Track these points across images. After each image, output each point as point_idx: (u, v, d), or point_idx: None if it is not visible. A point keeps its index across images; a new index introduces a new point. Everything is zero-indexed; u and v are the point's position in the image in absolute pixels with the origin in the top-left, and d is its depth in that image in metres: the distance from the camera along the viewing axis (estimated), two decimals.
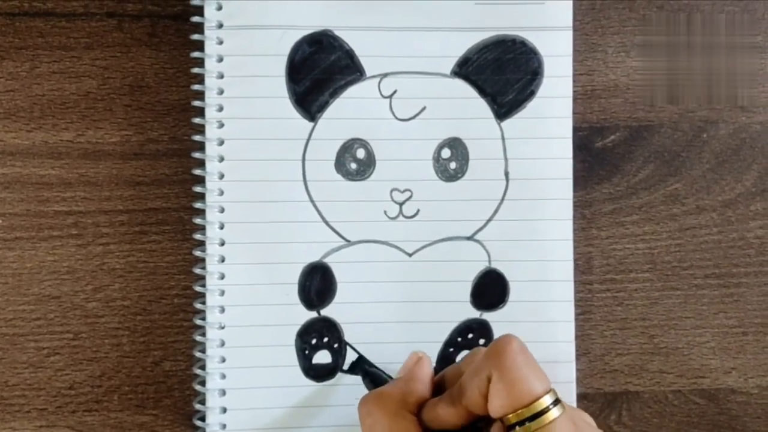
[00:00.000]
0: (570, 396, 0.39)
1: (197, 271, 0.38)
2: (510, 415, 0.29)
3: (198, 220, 0.38)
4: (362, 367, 0.38)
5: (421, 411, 0.32)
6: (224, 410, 0.38)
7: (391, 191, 0.39)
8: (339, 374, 0.39)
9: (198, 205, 0.38)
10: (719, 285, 0.41)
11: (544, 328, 0.39)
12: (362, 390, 0.39)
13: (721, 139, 0.41)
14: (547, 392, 0.29)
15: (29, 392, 0.39)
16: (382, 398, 0.33)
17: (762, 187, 0.41)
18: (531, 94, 0.39)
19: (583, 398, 0.40)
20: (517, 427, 0.29)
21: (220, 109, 0.38)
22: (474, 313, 0.39)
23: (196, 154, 0.38)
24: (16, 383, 0.39)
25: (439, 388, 0.34)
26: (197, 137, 0.38)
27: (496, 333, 0.39)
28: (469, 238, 0.39)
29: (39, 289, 0.39)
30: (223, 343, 0.38)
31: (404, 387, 0.33)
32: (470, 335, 0.39)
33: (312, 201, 0.39)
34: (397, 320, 0.39)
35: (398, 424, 0.32)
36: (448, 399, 0.32)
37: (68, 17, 0.39)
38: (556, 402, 0.29)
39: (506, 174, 0.39)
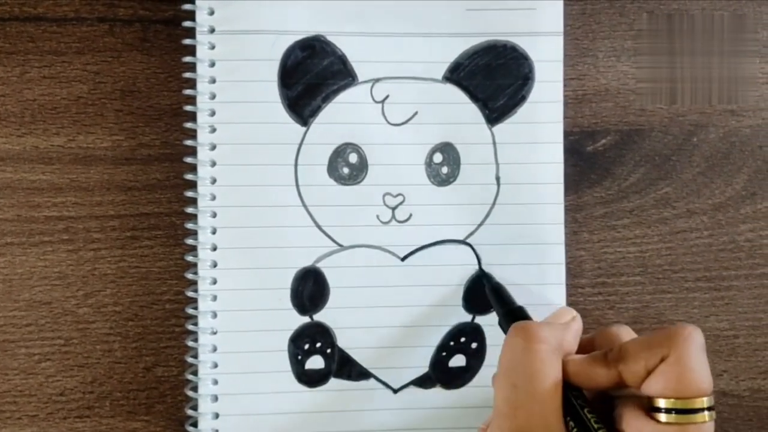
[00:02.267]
0: None
1: (189, 276, 0.38)
2: (665, 400, 0.29)
3: (190, 225, 0.38)
4: (490, 280, 0.38)
5: (568, 361, 0.32)
6: (216, 416, 0.38)
7: (384, 196, 0.39)
8: (332, 380, 0.39)
9: (190, 209, 0.38)
10: (710, 288, 0.42)
11: None
12: (354, 397, 0.39)
13: (712, 143, 0.42)
14: (710, 395, 0.29)
15: (20, 399, 0.39)
16: (544, 332, 0.32)
17: (752, 190, 0.42)
18: (522, 99, 0.39)
19: None
20: (665, 414, 0.29)
21: (212, 113, 0.38)
22: (466, 317, 0.39)
23: (188, 159, 0.38)
24: (7, 390, 0.39)
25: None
26: (189, 142, 0.38)
27: (489, 337, 0.39)
28: (461, 242, 0.39)
29: (30, 295, 0.39)
30: (215, 349, 0.38)
31: (560, 336, 0.33)
32: (463, 339, 0.39)
33: (304, 206, 0.39)
34: (390, 325, 0.39)
35: (552, 363, 0.31)
36: (602, 359, 0.32)
37: (59, 22, 0.39)
38: (711, 408, 0.29)
39: (497, 178, 0.39)
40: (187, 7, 0.38)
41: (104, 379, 0.39)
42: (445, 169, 0.39)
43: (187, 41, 0.38)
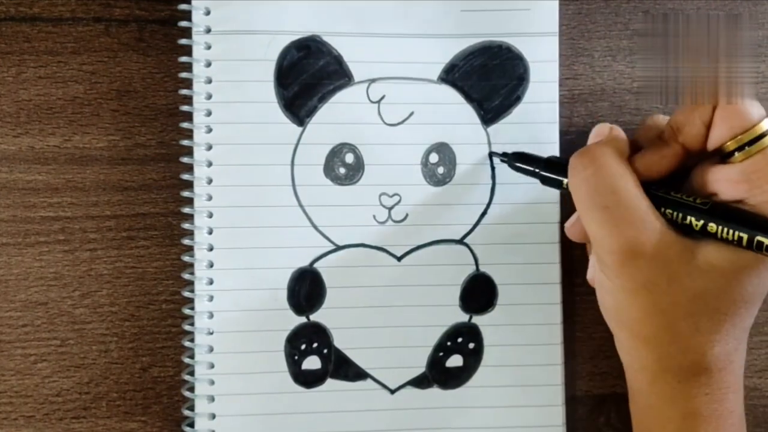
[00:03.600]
0: (558, 399, 0.39)
1: (186, 276, 0.38)
2: (729, 143, 0.31)
3: (186, 225, 0.38)
4: (537, 158, 0.37)
5: (632, 162, 0.33)
6: (213, 416, 0.38)
7: (380, 196, 0.39)
8: (329, 380, 0.39)
9: (186, 210, 0.38)
10: None
11: (532, 330, 0.39)
12: (351, 398, 0.39)
13: None
14: (766, 118, 0.31)
15: (16, 399, 0.39)
16: (603, 147, 0.33)
17: None
18: (517, 99, 0.39)
19: (571, 401, 0.41)
20: (737, 153, 0.31)
21: (209, 114, 0.38)
22: (463, 317, 0.39)
23: (185, 159, 0.38)
24: (3, 390, 0.39)
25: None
26: (185, 142, 0.38)
27: (486, 336, 0.39)
28: (457, 242, 0.39)
29: (26, 296, 0.39)
30: (211, 349, 0.38)
31: (614, 144, 0.33)
32: (459, 339, 0.39)
33: (301, 206, 0.39)
34: (387, 325, 0.39)
35: (623, 169, 0.32)
36: (661, 143, 0.33)
37: (55, 22, 0.39)
38: None
39: (493, 178, 0.39)
40: (183, 7, 0.38)
41: (100, 380, 0.39)
42: (441, 169, 0.39)
43: (183, 41, 0.38)
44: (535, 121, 0.39)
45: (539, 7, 0.39)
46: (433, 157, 0.39)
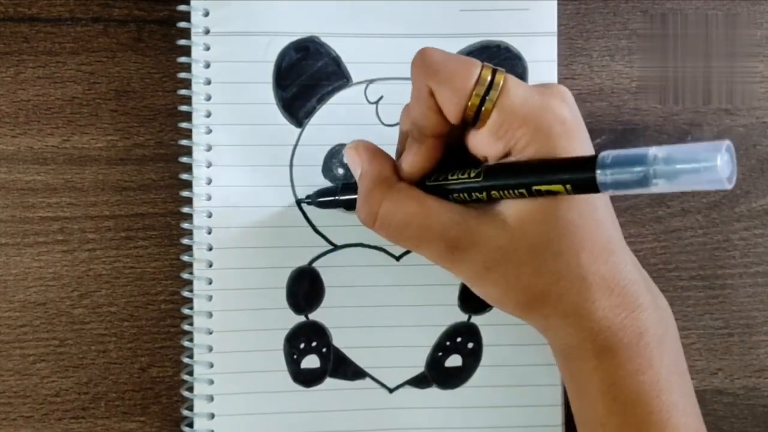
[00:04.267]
0: (556, 398, 0.39)
1: (185, 276, 0.38)
2: (467, 109, 0.29)
3: (186, 225, 0.38)
4: (327, 191, 0.38)
5: (398, 172, 0.32)
6: (212, 416, 0.38)
7: None
8: (327, 379, 0.39)
9: (185, 209, 0.38)
10: (705, 287, 0.42)
11: (530, 330, 0.39)
12: (350, 397, 0.39)
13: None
14: (483, 66, 0.29)
15: (15, 400, 0.39)
16: (365, 200, 0.32)
17: (746, 189, 0.42)
18: None
19: None
20: (481, 112, 0.29)
21: (208, 114, 0.38)
22: (462, 317, 0.39)
23: (184, 159, 0.38)
24: (2, 391, 0.39)
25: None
26: (185, 142, 0.38)
27: (485, 336, 0.39)
28: None
29: (24, 296, 0.39)
30: (210, 349, 0.38)
31: (372, 171, 0.32)
32: (459, 339, 0.39)
33: (299, 206, 0.39)
34: (386, 324, 0.39)
35: (390, 195, 0.31)
36: (413, 141, 0.32)
37: (53, 22, 0.39)
38: (495, 70, 0.29)
39: None
40: (182, 7, 0.38)
41: (99, 380, 0.39)
42: None
43: (182, 42, 0.38)
44: None
45: (538, 7, 0.39)
46: None
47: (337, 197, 0.37)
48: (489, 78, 0.29)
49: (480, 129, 0.30)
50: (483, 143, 0.30)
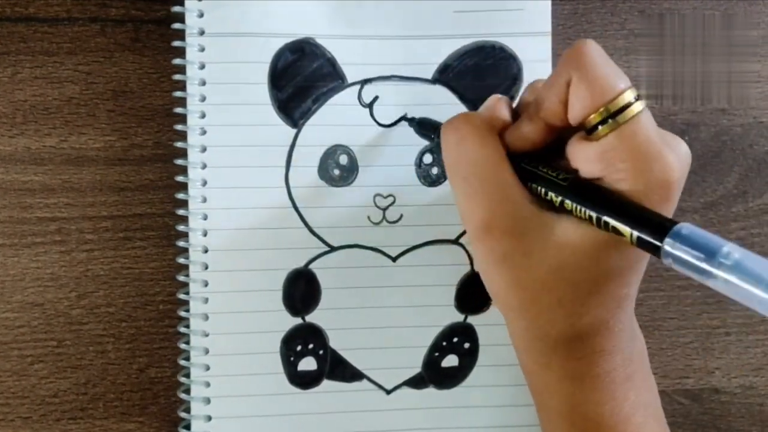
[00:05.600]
0: None
1: (181, 278, 0.38)
2: (592, 116, 0.29)
3: (181, 227, 0.38)
4: (413, 119, 0.38)
5: (504, 135, 0.32)
6: (209, 418, 0.38)
7: (375, 197, 0.39)
8: (325, 381, 0.39)
9: (181, 212, 0.38)
10: (702, 286, 0.41)
11: None
12: (347, 398, 0.39)
13: (703, 142, 0.42)
14: (629, 88, 0.29)
15: (13, 400, 0.39)
16: (469, 117, 0.32)
17: (743, 189, 0.42)
18: (511, 99, 0.39)
19: None
20: (600, 127, 0.29)
21: (203, 116, 0.38)
22: (458, 317, 0.40)
23: (179, 161, 0.38)
24: (0, 392, 0.39)
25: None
26: (180, 144, 0.38)
27: (481, 336, 0.39)
28: (452, 242, 0.39)
29: (22, 297, 0.39)
30: (207, 351, 0.38)
31: (487, 114, 0.32)
32: (455, 339, 0.39)
33: (295, 207, 0.39)
34: (382, 325, 0.39)
35: (486, 140, 0.31)
36: (527, 116, 0.31)
37: (51, 22, 0.39)
38: (638, 97, 0.29)
39: None
40: (176, 9, 0.38)
41: (97, 381, 0.39)
42: (435, 170, 0.39)
43: (177, 43, 0.38)
44: None
45: (532, 7, 0.39)
46: (427, 158, 0.39)
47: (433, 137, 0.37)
48: (628, 101, 0.28)
49: (590, 142, 0.29)
50: (583, 156, 0.30)
